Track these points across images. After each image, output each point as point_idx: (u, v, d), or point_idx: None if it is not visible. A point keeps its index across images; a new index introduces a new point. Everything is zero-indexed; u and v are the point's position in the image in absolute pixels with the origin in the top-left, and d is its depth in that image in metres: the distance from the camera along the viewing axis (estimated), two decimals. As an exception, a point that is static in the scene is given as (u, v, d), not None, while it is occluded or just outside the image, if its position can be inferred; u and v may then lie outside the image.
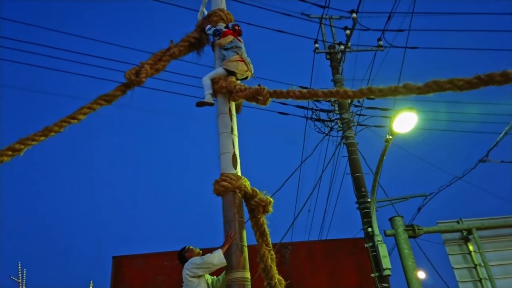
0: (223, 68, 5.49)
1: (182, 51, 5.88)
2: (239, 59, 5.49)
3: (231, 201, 4.79)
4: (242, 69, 5.47)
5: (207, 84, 5.48)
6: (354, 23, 11.71)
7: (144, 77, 5.35)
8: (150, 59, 5.62)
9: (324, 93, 4.44)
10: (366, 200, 9.92)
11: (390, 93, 3.32)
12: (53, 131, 4.68)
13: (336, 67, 12.12)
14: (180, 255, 5.01)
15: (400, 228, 8.88)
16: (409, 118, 7.26)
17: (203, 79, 5.56)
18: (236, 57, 5.49)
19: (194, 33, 5.99)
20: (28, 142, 4.51)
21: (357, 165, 10.62)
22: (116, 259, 9.97)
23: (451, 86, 2.97)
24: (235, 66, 5.44)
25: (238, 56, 5.50)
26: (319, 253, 10.15)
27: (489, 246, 8.89)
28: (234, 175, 4.87)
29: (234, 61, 5.46)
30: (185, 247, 5.09)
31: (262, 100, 4.86)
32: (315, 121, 12.24)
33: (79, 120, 4.92)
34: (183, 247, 5.12)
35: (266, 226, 5.16)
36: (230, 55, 5.52)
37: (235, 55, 5.50)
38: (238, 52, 5.54)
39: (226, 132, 5.20)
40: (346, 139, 11.09)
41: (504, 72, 2.85)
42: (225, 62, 5.51)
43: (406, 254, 8.58)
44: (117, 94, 5.25)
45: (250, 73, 5.59)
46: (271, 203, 5.14)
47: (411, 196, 10.27)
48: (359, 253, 9.73)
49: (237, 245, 4.57)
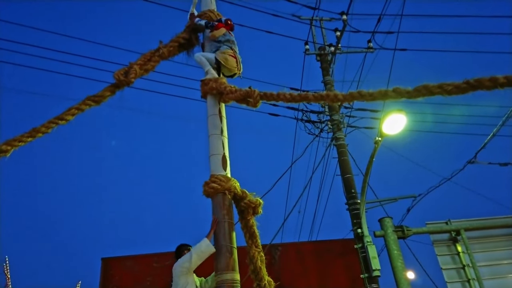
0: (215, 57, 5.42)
1: (172, 52, 5.83)
2: (232, 54, 5.45)
3: (221, 203, 4.77)
4: (232, 65, 5.41)
5: (203, 62, 5.43)
6: (344, 25, 11.76)
7: (133, 77, 5.30)
8: (139, 59, 5.56)
9: (315, 97, 4.43)
10: (356, 201, 9.96)
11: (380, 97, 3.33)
12: (41, 132, 4.62)
13: (327, 68, 12.16)
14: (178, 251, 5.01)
15: (389, 229, 8.93)
16: (398, 119, 7.31)
17: (197, 55, 5.50)
18: (230, 51, 5.45)
19: (184, 33, 5.95)
20: (15, 143, 4.45)
21: (347, 166, 10.66)
22: (105, 260, 9.90)
23: (440, 91, 2.99)
24: (225, 59, 5.38)
25: (231, 51, 5.46)
26: (309, 254, 10.17)
27: (478, 247, 8.97)
28: (223, 177, 4.85)
29: (227, 54, 5.41)
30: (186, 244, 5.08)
31: (252, 103, 4.84)
32: (306, 122, 12.27)
33: (67, 120, 4.87)
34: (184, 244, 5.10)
35: (256, 228, 5.15)
36: (224, 48, 5.46)
37: (229, 50, 5.46)
38: (232, 47, 5.50)
39: (216, 133, 5.18)
40: (336, 141, 11.13)
41: (493, 77, 2.87)
42: (218, 53, 5.44)
43: (395, 255, 8.63)
44: (105, 94, 5.20)
45: (239, 72, 5.55)
46: (261, 204, 5.13)
47: (401, 197, 10.33)
48: (349, 254, 9.76)
49: (226, 246, 4.54)
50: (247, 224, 5.07)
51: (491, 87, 2.89)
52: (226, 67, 5.41)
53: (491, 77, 2.90)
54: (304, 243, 11.70)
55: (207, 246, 4.49)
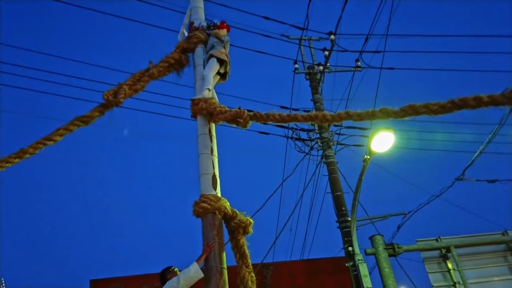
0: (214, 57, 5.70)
1: (162, 72, 5.87)
2: (225, 53, 5.83)
3: (211, 223, 4.75)
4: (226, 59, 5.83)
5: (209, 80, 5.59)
6: (332, 45, 11.94)
7: (122, 97, 5.31)
8: (128, 79, 5.59)
9: (304, 117, 4.48)
10: (347, 219, 9.95)
11: (368, 117, 3.37)
12: (28, 153, 4.59)
13: (316, 87, 12.30)
14: (162, 275, 4.86)
15: (380, 246, 8.90)
16: (386, 137, 7.38)
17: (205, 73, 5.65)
18: (223, 50, 5.83)
19: (174, 54, 5.99)
20: (2, 164, 4.41)
21: (337, 184, 10.69)
22: (94, 282, 9.73)
23: (426, 110, 3.04)
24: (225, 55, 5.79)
25: (225, 51, 5.85)
26: (301, 273, 10.11)
27: (468, 264, 8.97)
28: (213, 196, 4.84)
29: (222, 53, 5.77)
30: (170, 267, 4.93)
31: (242, 123, 4.87)
32: (296, 140, 12.33)
33: (55, 141, 4.84)
34: (167, 267, 4.94)
35: (246, 248, 5.12)
36: (218, 48, 5.82)
37: (222, 49, 5.84)
38: (225, 47, 5.90)
39: (206, 153, 5.18)
40: (326, 158, 11.18)
41: (477, 96, 2.93)
42: (215, 52, 5.77)
43: (386, 272, 8.59)
44: (94, 115, 5.20)
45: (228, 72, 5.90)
46: (251, 224, 5.12)
47: (391, 215, 10.36)
48: (340, 273, 9.72)
49: (216, 267, 4.50)
50: (237, 244, 5.04)
51: (476, 106, 2.95)
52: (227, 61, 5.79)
53: (475, 96, 2.96)
54: (295, 262, 11.62)
55: (196, 272, 4.39)
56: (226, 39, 5.99)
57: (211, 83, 5.59)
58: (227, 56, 5.87)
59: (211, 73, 5.63)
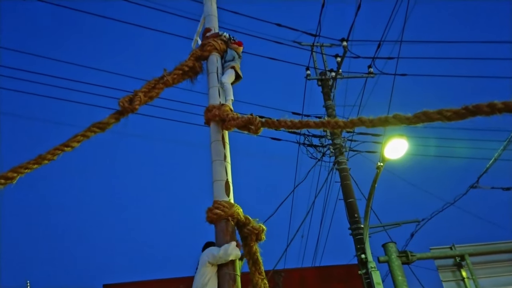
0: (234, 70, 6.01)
1: (176, 79, 5.94)
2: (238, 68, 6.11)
3: (224, 229, 4.78)
4: None
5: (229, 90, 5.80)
6: (344, 51, 11.95)
7: (138, 104, 5.38)
8: (144, 87, 5.66)
9: (316, 124, 4.49)
10: (359, 226, 9.90)
11: (381, 123, 3.37)
12: (47, 159, 4.66)
13: (328, 93, 12.30)
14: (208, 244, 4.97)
15: (393, 254, 8.84)
16: (399, 144, 7.36)
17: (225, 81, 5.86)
18: (238, 65, 6.11)
19: (188, 61, 6.06)
20: (21, 170, 4.49)
21: (350, 190, 10.65)
22: (107, 287, 9.80)
23: (439, 117, 3.04)
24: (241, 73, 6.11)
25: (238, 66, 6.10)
26: (313, 280, 10.07)
27: (482, 272, 8.86)
28: (227, 203, 4.87)
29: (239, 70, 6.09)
30: None
31: (253, 130, 4.90)
32: (308, 146, 12.33)
33: (73, 147, 4.92)
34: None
35: (259, 254, 5.12)
36: (237, 62, 6.16)
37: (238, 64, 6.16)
38: (237, 63, 6.14)
39: (219, 159, 5.22)
40: (339, 165, 11.15)
41: (491, 103, 2.92)
42: (237, 65, 6.09)
43: (399, 281, 8.52)
44: (110, 121, 5.27)
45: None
46: (264, 231, 5.12)
47: (404, 222, 10.28)
48: (352, 280, 9.66)
49: (229, 274, 4.53)
50: (250, 250, 5.04)
51: (489, 113, 2.94)
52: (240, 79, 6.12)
53: (489, 103, 2.95)
54: (307, 268, 11.57)
55: (233, 249, 4.53)
56: (241, 57, 6.32)
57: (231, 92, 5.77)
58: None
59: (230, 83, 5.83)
